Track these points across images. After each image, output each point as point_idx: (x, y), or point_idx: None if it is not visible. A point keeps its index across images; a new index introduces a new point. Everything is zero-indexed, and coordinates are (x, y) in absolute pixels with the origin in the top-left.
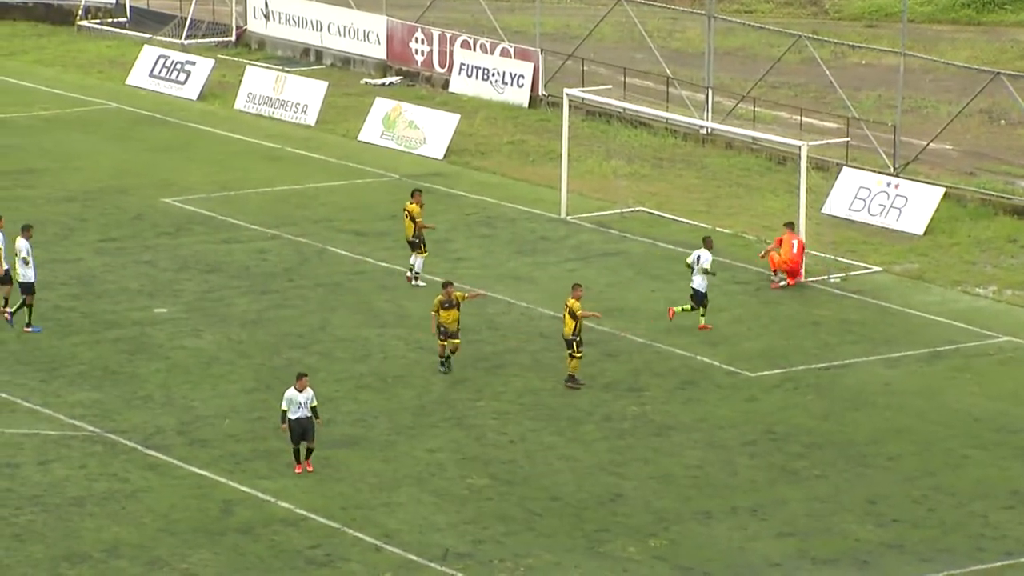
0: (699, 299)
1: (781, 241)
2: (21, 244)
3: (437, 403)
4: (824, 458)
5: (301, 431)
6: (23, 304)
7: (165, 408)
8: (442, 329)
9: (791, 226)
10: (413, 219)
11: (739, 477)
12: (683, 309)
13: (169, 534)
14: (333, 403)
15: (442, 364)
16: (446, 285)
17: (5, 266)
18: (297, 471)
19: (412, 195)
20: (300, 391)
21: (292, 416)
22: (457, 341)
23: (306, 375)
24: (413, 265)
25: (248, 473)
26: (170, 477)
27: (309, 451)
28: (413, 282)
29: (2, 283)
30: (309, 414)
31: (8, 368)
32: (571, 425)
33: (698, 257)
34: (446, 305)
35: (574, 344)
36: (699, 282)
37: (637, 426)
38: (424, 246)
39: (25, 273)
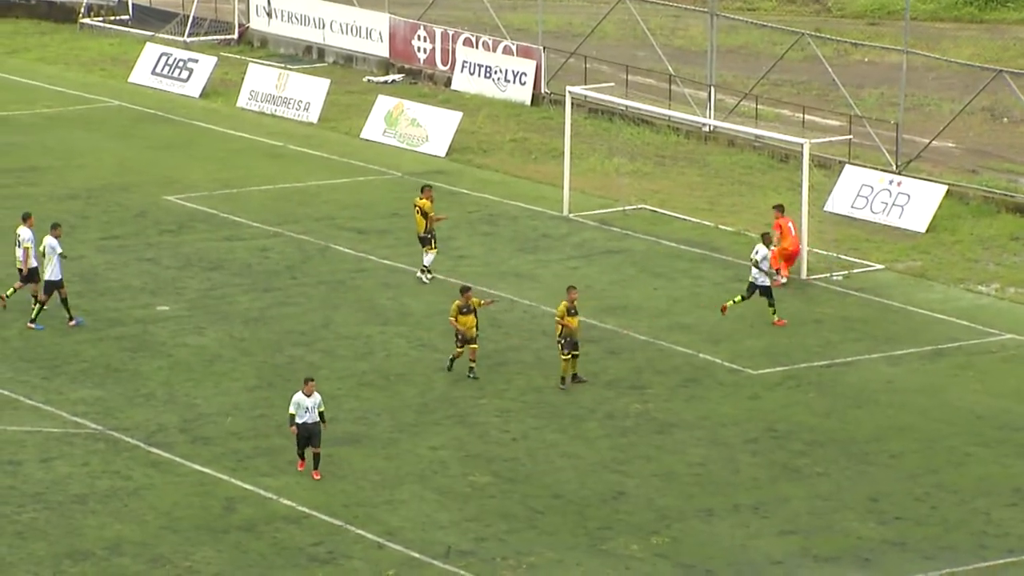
0: (752, 290)
1: (780, 227)
2: (48, 241)
3: (439, 401)
4: (826, 456)
5: (307, 435)
6: (63, 301)
7: (167, 406)
8: (459, 335)
9: (781, 208)
10: (424, 214)
11: (741, 475)
12: (773, 311)
13: (171, 531)
14: (335, 401)
15: (450, 365)
16: (464, 291)
17: (34, 263)
18: (300, 468)
19: (422, 190)
20: (308, 395)
21: (299, 420)
22: (475, 346)
23: (313, 380)
24: (429, 266)
25: (250, 471)
26: (172, 474)
27: (316, 457)
28: (419, 274)
29: (30, 280)
30: (317, 419)
31: (11, 365)
32: (574, 423)
33: (757, 251)
34: (464, 310)
35: (558, 345)
36: (762, 278)
37: (639, 424)
38: (435, 242)
39: (50, 270)
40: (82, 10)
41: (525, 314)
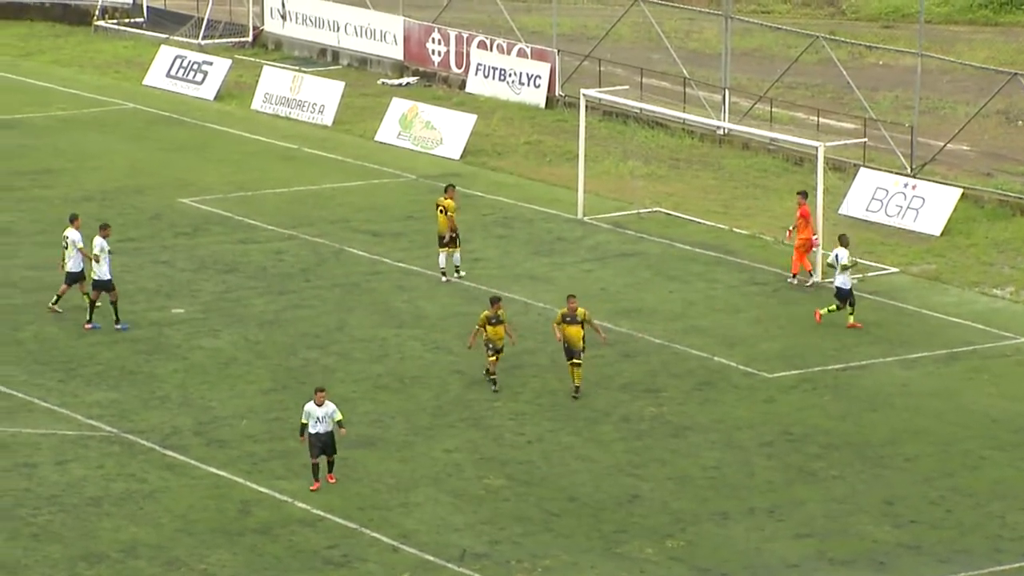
0: (843, 296)
1: (805, 215)
2: (97, 242)
3: (454, 403)
4: (841, 459)
5: (321, 446)
6: (92, 303)
7: (182, 408)
8: (490, 345)
9: (805, 195)
10: (447, 214)
11: (756, 478)
12: (829, 310)
13: (187, 534)
14: (350, 404)
15: (493, 383)
16: (494, 301)
17: (79, 267)
18: (312, 488)
19: (446, 190)
20: (319, 405)
21: (312, 430)
22: (501, 354)
23: (323, 389)
24: (445, 267)
25: (265, 473)
26: (188, 477)
27: (330, 463)
28: (457, 275)
29: (75, 280)
30: (330, 429)
31: (26, 368)
32: (588, 426)
33: (836, 255)
34: (493, 321)
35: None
36: (842, 280)
37: (654, 427)
38: (459, 239)
39: (99, 271)
40: (97, 12)
41: (540, 317)
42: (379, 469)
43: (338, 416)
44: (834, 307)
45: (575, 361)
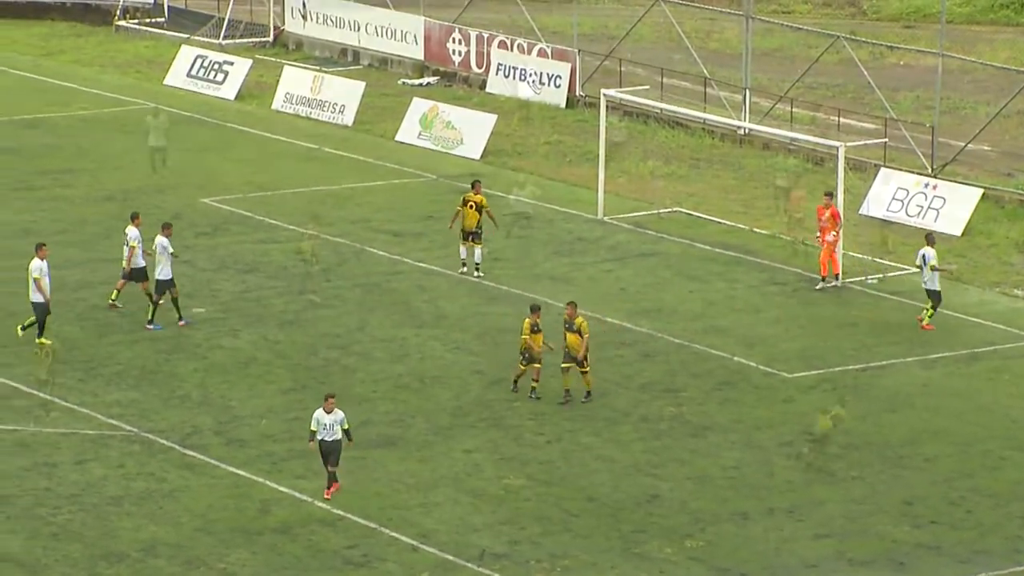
0: (935, 297)
1: (836, 215)
2: (159, 242)
3: (474, 404)
4: (861, 459)
5: (326, 453)
6: (174, 301)
7: (202, 408)
8: (526, 354)
9: (831, 195)
10: (479, 209)
11: (776, 478)
12: (930, 315)
13: (206, 533)
14: (370, 403)
15: (522, 385)
16: (535, 310)
17: (141, 262)
18: (326, 496)
19: (473, 186)
20: (328, 412)
21: (320, 437)
22: (539, 365)
23: (333, 396)
24: (466, 260)
25: (285, 473)
26: (207, 477)
27: (331, 475)
28: (477, 275)
29: (138, 279)
30: (337, 437)
31: (47, 367)
32: (608, 426)
33: (923, 256)
34: (535, 329)
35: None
36: (932, 279)
37: (674, 427)
38: (482, 236)
39: (161, 270)
40: (118, 12)
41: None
42: (399, 469)
43: (346, 424)
44: (931, 311)
45: (583, 369)
